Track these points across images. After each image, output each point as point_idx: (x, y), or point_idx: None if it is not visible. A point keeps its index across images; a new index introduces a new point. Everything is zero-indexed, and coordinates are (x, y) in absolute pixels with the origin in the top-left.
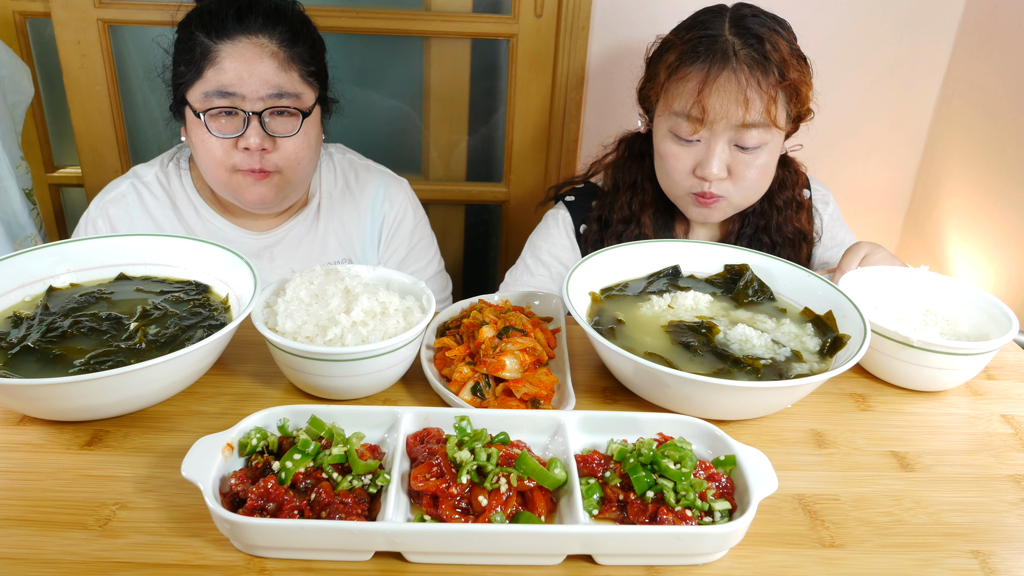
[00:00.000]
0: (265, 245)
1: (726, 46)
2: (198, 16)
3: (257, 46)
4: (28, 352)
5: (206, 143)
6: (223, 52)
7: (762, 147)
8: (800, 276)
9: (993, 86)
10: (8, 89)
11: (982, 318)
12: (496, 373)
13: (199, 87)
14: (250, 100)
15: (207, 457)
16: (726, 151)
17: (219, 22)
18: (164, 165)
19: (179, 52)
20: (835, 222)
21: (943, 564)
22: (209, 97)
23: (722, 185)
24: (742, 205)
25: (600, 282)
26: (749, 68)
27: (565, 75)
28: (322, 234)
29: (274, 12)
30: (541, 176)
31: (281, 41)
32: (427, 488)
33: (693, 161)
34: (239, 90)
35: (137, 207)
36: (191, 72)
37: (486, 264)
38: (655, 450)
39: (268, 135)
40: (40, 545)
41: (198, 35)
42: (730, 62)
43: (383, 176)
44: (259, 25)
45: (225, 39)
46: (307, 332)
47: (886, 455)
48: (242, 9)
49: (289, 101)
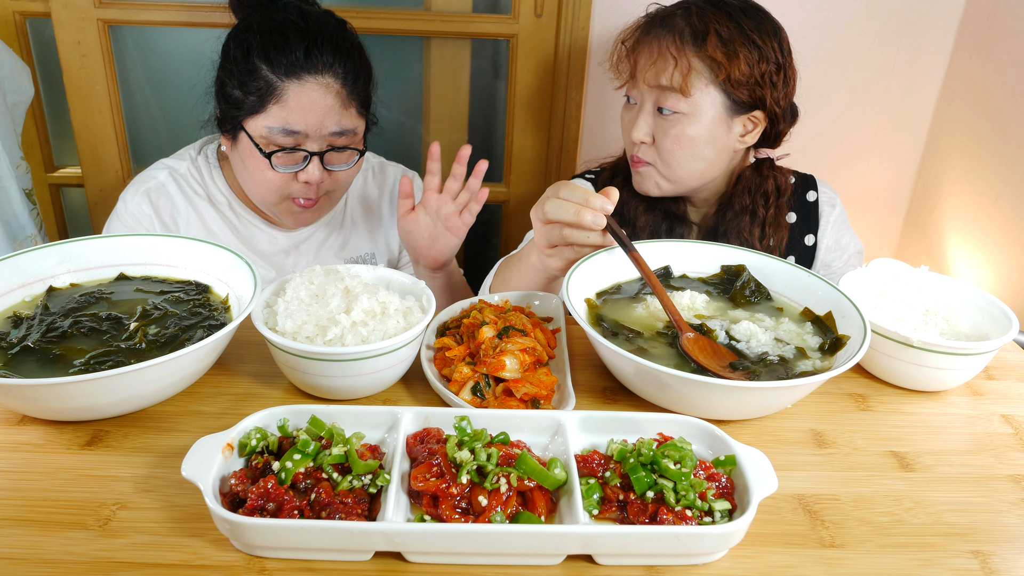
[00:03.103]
0: (294, 243)
1: (664, 18)
2: (261, 45)
3: (323, 87)
4: (28, 352)
5: (264, 173)
6: (289, 91)
7: (679, 116)
8: (800, 276)
9: (993, 86)
10: (8, 89)
11: (982, 318)
12: (496, 373)
13: (261, 120)
14: (313, 139)
15: (207, 457)
16: (651, 116)
17: (287, 60)
18: (194, 160)
19: (237, 76)
20: (841, 225)
21: (943, 564)
22: (272, 133)
23: (648, 151)
24: (672, 178)
25: (594, 286)
26: (669, 34)
27: (565, 75)
28: (348, 230)
29: (338, 49)
30: (541, 176)
31: (344, 80)
32: (427, 488)
33: (631, 122)
34: (303, 129)
35: (179, 196)
36: (252, 102)
37: (486, 264)
38: (655, 450)
39: (325, 169)
40: (40, 545)
41: (262, 67)
42: (660, 27)
43: (397, 170)
44: (326, 64)
45: (292, 78)
46: (307, 332)
47: (886, 455)
48: (310, 48)
49: (348, 139)
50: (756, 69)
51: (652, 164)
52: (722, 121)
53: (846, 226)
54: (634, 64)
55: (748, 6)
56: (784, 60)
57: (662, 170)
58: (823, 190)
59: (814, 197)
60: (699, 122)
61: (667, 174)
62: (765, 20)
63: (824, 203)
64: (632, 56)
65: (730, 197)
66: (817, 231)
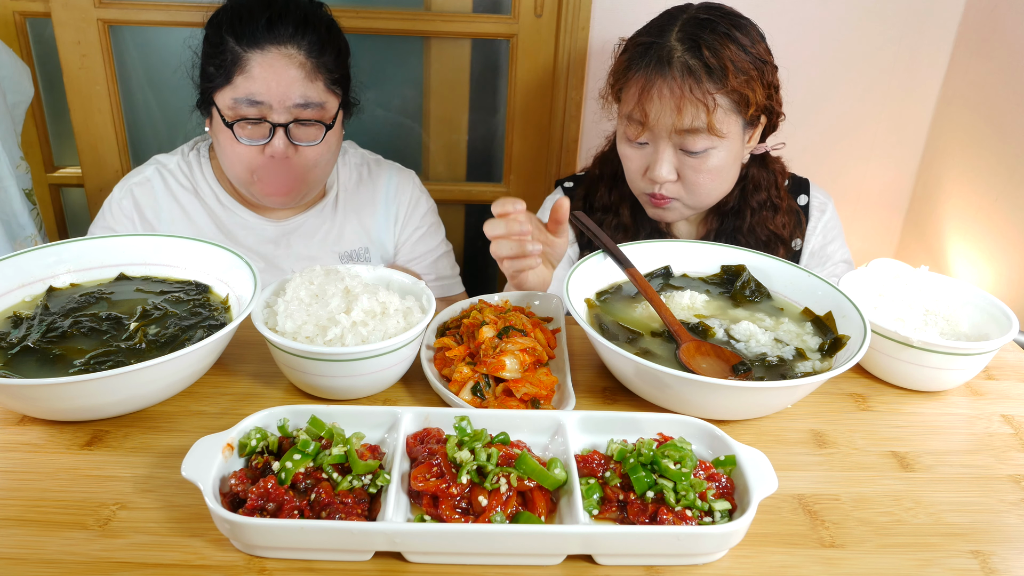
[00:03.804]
0: (282, 232)
1: (667, 53)
2: (228, 19)
3: (285, 57)
4: (28, 352)
5: (232, 146)
6: (252, 61)
7: (709, 151)
8: (799, 276)
9: (993, 87)
10: (8, 89)
11: (982, 318)
12: (496, 373)
13: (228, 92)
14: (277, 110)
15: (207, 457)
16: (673, 155)
17: (250, 30)
18: (185, 155)
19: (209, 52)
20: (829, 232)
21: (943, 564)
22: (238, 104)
23: (673, 188)
24: (698, 207)
25: (594, 286)
26: (682, 76)
27: (565, 75)
28: (339, 224)
29: (303, 21)
30: (541, 176)
31: (309, 51)
32: (427, 488)
33: (644, 163)
34: (266, 99)
35: (163, 191)
36: (220, 76)
37: (486, 264)
38: (655, 450)
39: (292, 143)
40: (40, 545)
41: (228, 40)
42: (667, 69)
43: (393, 169)
44: (288, 35)
45: (255, 48)
46: (307, 332)
47: (886, 455)
48: (272, 18)
49: (313, 112)
50: (766, 84)
51: (677, 198)
52: (741, 140)
53: (835, 234)
54: (643, 113)
55: (732, 18)
56: (771, 58)
57: (688, 202)
58: (815, 194)
59: (805, 201)
60: (727, 150)
61: (694, 203)
62: (749, 26)
63: (814, 207)
64: (640, 106)
65: (740, 199)
66: (804, 235)
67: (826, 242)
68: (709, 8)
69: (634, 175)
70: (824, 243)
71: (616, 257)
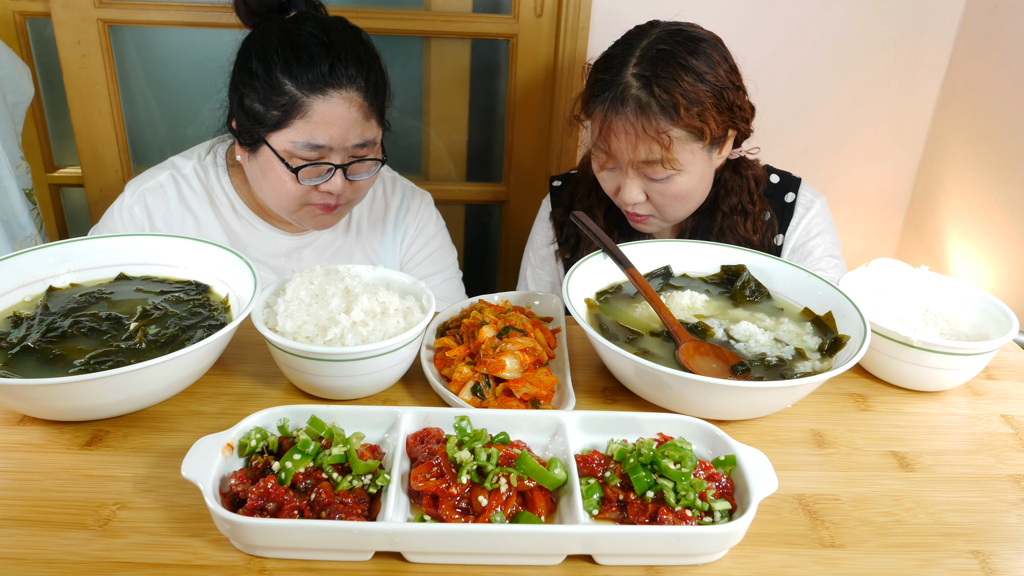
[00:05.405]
0: (295, 247)
1: (621, 91)
2: (284, 61)
3: (347, 100)
4: (28, 352)
5: (285, 184)
6: (314, 107)
7: (673, 177)
8: (799, 276)
9: (993, 87)
10: (8, 89)
11: (982, 318)
12: (496, 373)
13: (285, 135)
14: (337, 151)
15: (207, 457)
16: (639, 180)
17: (311, 76)
18: (201, 159)
19: (259, 91)
20: (813, 228)
21: (943, 564)
22: (297, 147)
23: (645, 207)
24: (674, 220)
25: (594, 286)
26: (635, 114)
27: (565, 75)
28: (351, 241)
29: (360, 63)
30: (541, 176)
31: (366, 92)
32: (427, 488)
33: (616, 184)
34: (328, 143)
35: (175, 199)
36: (275, 117)
37: (486, 264)
38: (655, 450)
39: (348, 180)
40: (40, 545)
41: (285, 82)
42: (621, 107)
43: (407, 190)
44: (349, 78)
45: (317, 94)
46: (307, 332)
47: (886, 455)
48: (335, 64)
49: (368, 150)
50: (725, 107)
51: (651, 215)
52: (707, 159)
53: (819, 230)
54: (607, 145)
55: (689, 42)
56: (735, 77)
57: (667, 216)
58: (803, 192)
59: (792, 198)
60: (691, 173)
61: (668, 218)
62: (708, 48)
63: (800, 204)
64: (603, 139)
65: (713, 202)
66: (786, 231)
67: (808, 237)
68: (670, 34)
69: (610, 194)
70: (807, 239)
71: (616, 257)
